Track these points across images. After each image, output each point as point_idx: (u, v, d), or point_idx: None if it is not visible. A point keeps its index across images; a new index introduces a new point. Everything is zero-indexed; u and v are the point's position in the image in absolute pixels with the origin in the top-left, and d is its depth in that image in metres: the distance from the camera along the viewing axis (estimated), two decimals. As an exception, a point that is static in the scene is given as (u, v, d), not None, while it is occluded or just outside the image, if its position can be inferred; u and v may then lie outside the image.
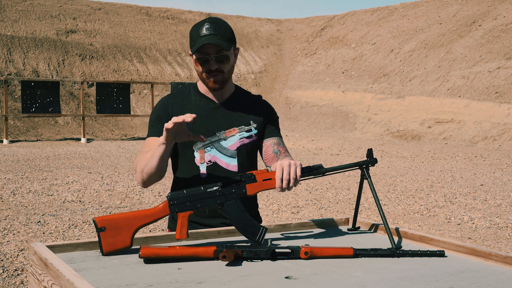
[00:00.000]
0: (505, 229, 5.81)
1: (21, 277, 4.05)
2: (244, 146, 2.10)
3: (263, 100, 2.22)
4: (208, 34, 1.97)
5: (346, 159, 11.80)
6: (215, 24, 2.00)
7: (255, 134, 2.13)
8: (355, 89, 21.13)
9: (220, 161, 2.08)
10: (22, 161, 10.82)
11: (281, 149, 2.12)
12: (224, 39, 2.00)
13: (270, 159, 2.11)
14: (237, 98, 2.16)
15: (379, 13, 26.09)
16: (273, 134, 2.17)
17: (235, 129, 2.10)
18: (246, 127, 2.12)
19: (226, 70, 2.05)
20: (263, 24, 29.01)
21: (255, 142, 2.14)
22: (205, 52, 2.00)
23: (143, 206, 6.66)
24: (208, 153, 2.07)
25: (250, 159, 2.15)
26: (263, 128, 2.16)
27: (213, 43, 1.96)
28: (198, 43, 1.97)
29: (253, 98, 2.21)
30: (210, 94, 2.13)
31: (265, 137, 2.16)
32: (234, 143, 2.09)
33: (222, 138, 2.09)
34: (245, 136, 2.11)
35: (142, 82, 18.63)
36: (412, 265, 1.57)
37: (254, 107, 2.17)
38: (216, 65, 2.01)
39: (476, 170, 10.32)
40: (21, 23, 21.14)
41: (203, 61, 2.01)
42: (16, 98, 17.59)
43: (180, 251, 1.58)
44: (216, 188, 1.72)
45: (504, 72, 16.85)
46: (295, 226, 2.05)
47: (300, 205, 6.93)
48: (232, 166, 2.08)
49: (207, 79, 2.05)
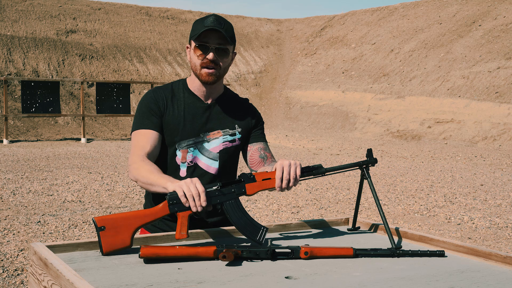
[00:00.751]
0: (505, 229, 5.81)
1: (21, 277, 4.05)
2: (226, 150, 2.09)
3: (249, 104, 2.20)
4: (213, 25, 1.96)
5: (346, 159, 11.80)
6: (220, 19, 2.00)
7: (238, 138, 2.11)
8: (355, 89, 21.13)
9: (201, 163, 2.06)
10: (22, 161, 10.82)
11: (268, 154, 2.11)
12: (228, 34, 1.99)
13: (256, 164, 2.09)
14: (224, 100, 2.14)
15: (379, 13, 26.09)
16: (259, 139, 2.15)
17: (219, 131, 2.09)
18: (231, 130, 2.11)
19: (223, 66, 2.03)
20: (263, 24, 29.01)
21: (237, 146, 2.12)
22: (206, 42, 1.98)
23: (143, 206, 6.66)
24: (190, 153, 2.05)
25: (231, 163, 2.13)
26: (248, 133, 2.14)
27: (218, 29, 1.95)
28: (201, 30, 1.96)
29: (240, 101, 2.19)
30: (199, 93, 2.10)
31: (251, 142, 2.14)
32: (217, 146, 2.08)
33: (205, 140, 2.07)
34: (229, 140, 2.09)
35: (142, 82, 18.63)
36: (412, 265, 1.57)
37: (240, 111, 2.15)
38: (215, 57, 1.99)
39: (476, 170, 10.32)
40: (21, 23, 21.14)
41: (203, 49, 1.98)
42: (16, 98, 17.59)
43: (180, 251, 1.58)
44: (215, 188, 1.73)
45: (504, 72, 16.85)
46: (295, 226, 2.05)
47: (300, 205, 6.93)
48: (212, 169, 2.07)
49: (201, 70, 2.01)
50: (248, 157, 2.13)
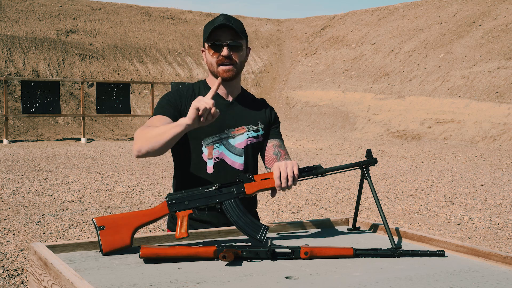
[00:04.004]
0: (505, 229, 5.81)
1: (21, 277, 4.05)
2: (250, 146, 2.12)
3: (267, 103, 2.26)
4: (222, 23, 2.00)
5: (346, 159, 11.80)
6: (229, 17, 2.04)
7: (261, 134, 2.15)
8: (355, 89, 21.13)
9: (227, 159, 2.09)
10: (22, 161, 10.82)
11: (282, 152, 2.15)
12: (238, 29, 2.02)
13: (270, 161, 2.13)
14: (245, 98, 2.19)
15: (379, 13, 26.09)
16: (275, 136, 2.19)
17: (243, 127, 2.12)
18: (254, 126, 2.14)
19: (239, 61, 2.05)
20: (263, 24, 29.01)
21: (260, 142, 2.16)
22: (218, 40, 2.01)
23: (143, 206, 6.66)
24: (216, 149, 2.08)
25: (254, 159, 2.17)
26: (268, 129, 2.19)
27: (228, 24, 1.98)
28: (211, 29, 2.00)
29: (258, 100, 2.25)
30: (220, 91, 2.13)
31: (268, 139, 2.18)
32: (242, 142, 2.11)
33: (230, 136, 2.10)
34: (253, 136, 2.13)
35: (142, 82, 18.63)
36: (412, 265, 1.57)
37: (261, 108, 2.20)
38: (228, 52, 2.01)
39: (476, 170, 10.32)
40: (21, 23, 21.14)
41: (216, 48, 2.01)
42: (16, 98, 17.60)
43: (180, 251, 1.58)
44: (214, 188, 1.73)
45: (504, 72, 16.85)
46: (295, 226, 2.05)
47: (300, 205, 6.93)
48: (238, 165, 2.10)
49: (218, 68, 2.04)
50: (265, 154, 2.16)
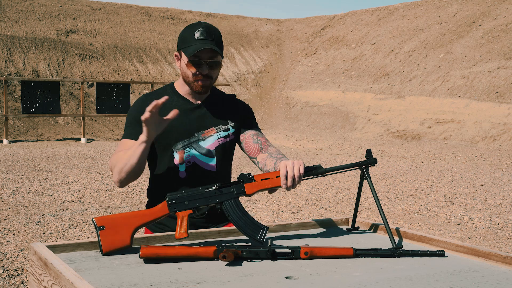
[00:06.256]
0: (505, 229, 5.81)
1: (21, 277, 4.05)
2: (221, 146, 2.14)
3: (237, 99, 2.27)
4: (204, 38, 2.02)
5: (346, 159, 11.80)
6: (209, 30, 2.05)
7: (232, 133, 2.17)
8: (355, 89, 21.13)
9: (199, 161, 2.10)
10: (22, 161, 10.82)
11: (261, 139, 2.16)
12: (218, 46, 2.05)
13: (253, 151, 2.13)
14: (213, 99, 2.19)
15: (379, 13, 26.09)
16: (250, 127, 2.20)
17: (213, 129, 2.14)
18: (224, 126, 2.16)
19: (214, 76, 2.10)
20: (263, 24, 29.01)
21: (232, 141, 2.18)
22: (199, 56, 2.03)
23: (143, 206, 6.66)
24: (187, 153, 2.10)
25: (228, 159, 2.19)
26: (240, 126, 2.20)
27: (211, 48, 2.01)
28: (195, 47, 2.01)
29: (227, 97, 2.25)
30: (189, 96, 2.16)
31: (243, 131, 2.19)
32: (213, 143, 2.13)
33: (200, 139, 2.11)
34: (223, 136, 2.15)
35: (142, 82, 18.63)
36: (412, 265, 1.57)
37: (230, 106, 2.21)
38: (208, 70, 2.05)
39: (476, 170, 10.32)
40: (21, 23, 21.13)
41: (196, 65, 2.04)
42: (16, 98, 17.59)
43: (180, 251, 1.58)
44: (214, 188, 1.73)
45: (504, 72, 16.85)
46: (295, 226, 2.05)
47: (300, 205, 6.93)
48: (211, 166, 2.11)
49: (194, 82, 2.08)
50: (244, 147, 2.17)
